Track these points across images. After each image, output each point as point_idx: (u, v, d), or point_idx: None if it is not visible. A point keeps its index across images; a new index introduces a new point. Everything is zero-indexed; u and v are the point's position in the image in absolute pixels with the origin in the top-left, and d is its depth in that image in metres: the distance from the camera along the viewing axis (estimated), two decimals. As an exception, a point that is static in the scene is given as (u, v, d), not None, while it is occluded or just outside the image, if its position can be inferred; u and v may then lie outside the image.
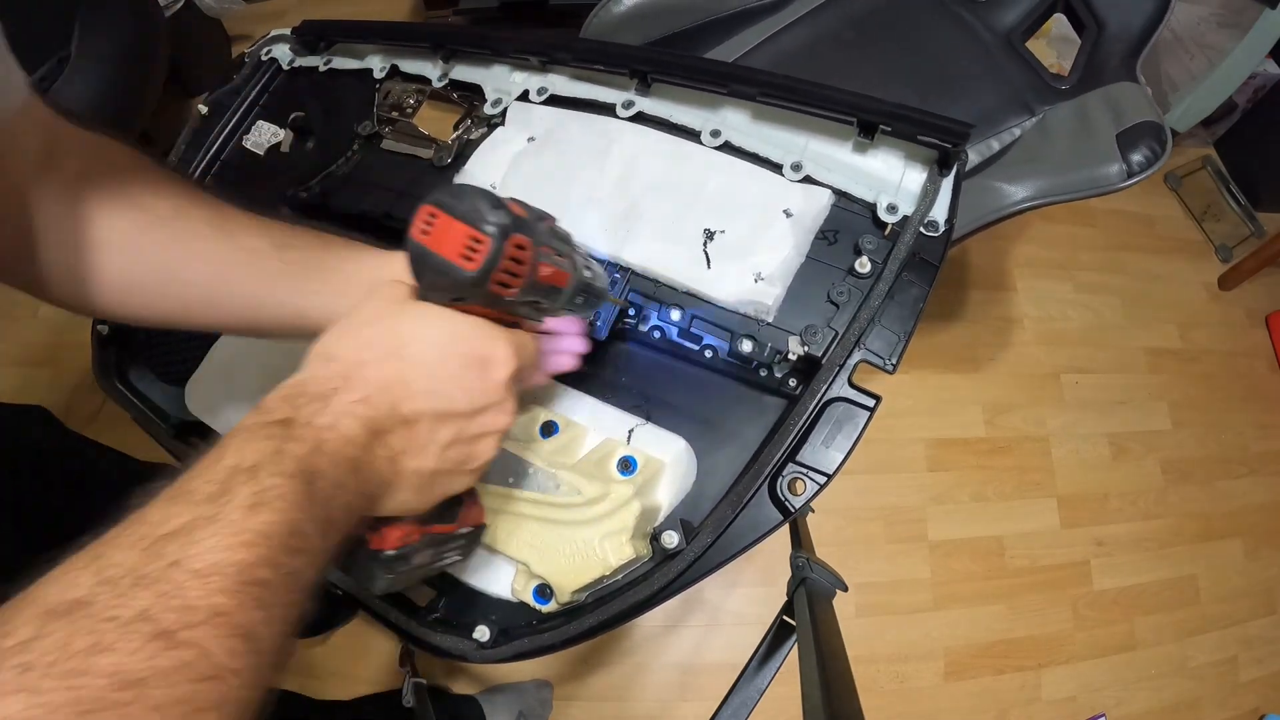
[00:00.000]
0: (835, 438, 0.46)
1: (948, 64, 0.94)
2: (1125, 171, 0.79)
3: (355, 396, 0.30)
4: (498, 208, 0.32)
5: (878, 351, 0.47)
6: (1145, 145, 0.79)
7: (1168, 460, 1.36)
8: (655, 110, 0.59)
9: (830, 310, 0.50)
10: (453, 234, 0.32)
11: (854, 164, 0.54)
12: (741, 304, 0.51)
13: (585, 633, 0.45)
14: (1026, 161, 0.85)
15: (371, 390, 0.30)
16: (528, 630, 0.47)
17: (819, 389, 0.46)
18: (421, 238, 0.32)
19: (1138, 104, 0.83)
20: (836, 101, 0.51)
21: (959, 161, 0.50)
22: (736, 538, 0.45)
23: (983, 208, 0.82)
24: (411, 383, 0.32)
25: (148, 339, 0.66)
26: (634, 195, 0.55)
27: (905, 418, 1.30)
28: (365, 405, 0.30)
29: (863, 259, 0.51)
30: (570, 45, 0.62)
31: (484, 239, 0.31)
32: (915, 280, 0.49)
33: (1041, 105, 0.90)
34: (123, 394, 0.63)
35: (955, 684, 1.14)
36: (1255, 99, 1.58)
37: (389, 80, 0.69)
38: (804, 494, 0.45)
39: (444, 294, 0.34)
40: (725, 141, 0.56)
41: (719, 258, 0.52)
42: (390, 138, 0.67)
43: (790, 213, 0.52)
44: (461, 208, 0.32)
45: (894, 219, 0.51)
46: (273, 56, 0.75)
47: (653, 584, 0.45)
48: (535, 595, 0.48)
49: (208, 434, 0.61)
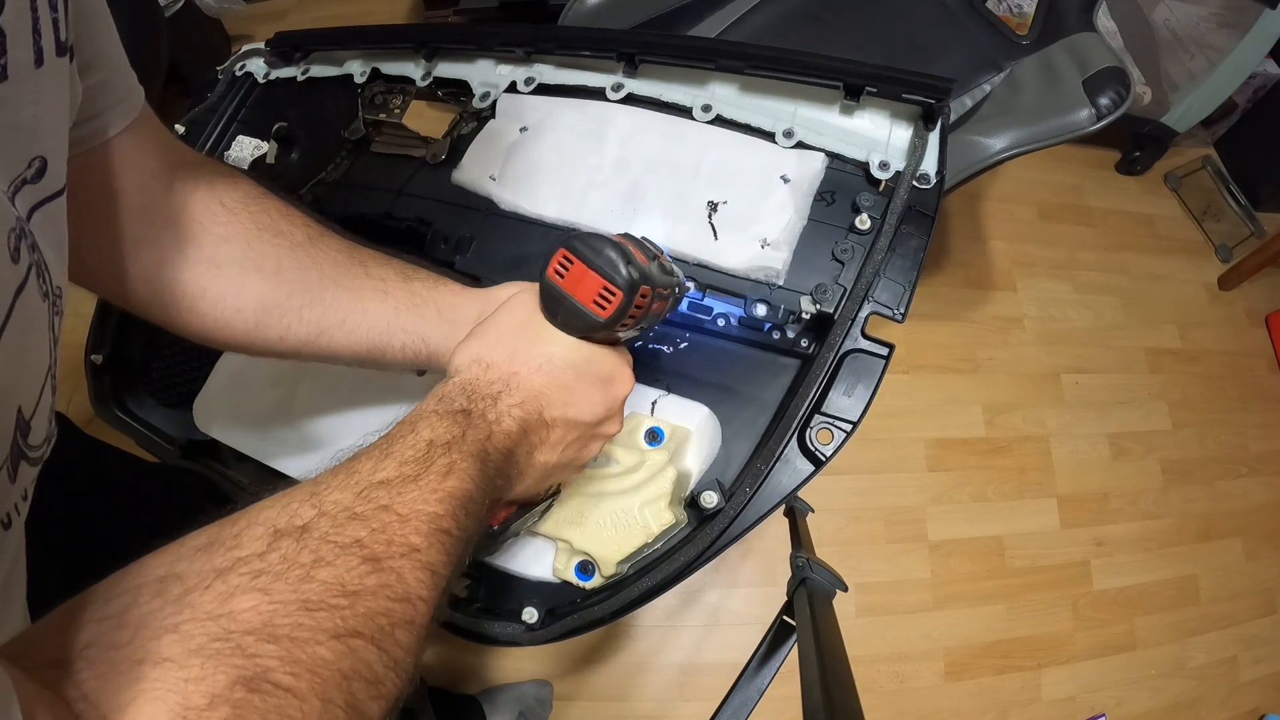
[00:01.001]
0: (855, 388, 0.48)
1: (915, 30, 0.98)
2: (1095, 115, 0.83)
3: (515, 400, 0.35)
4: (629, 262, 0.36)
5: (886, 302, 0.49)
6: (1111, 89, 0.83)
7: (1168, 460, 1.36)
8: (645, 91, 0.60)
9: (836, 268, 0.52)
10: (587, 282, 0.36)
11: (843, 126, 0.56)
12: (751, 270, 0.52)
13: (633, 603, 0.47)
14: (1000, 115, 0.89)
15: (526, 396, 0.36)
16: (574, 607, 0.48)
17: (835, 342, 0.48)
18: (556, 279, 0.37)
19: (1099, 52, 0.88)
20: (822, 68, 0.53)
21: (943, 115, 0.53)
22: (772, 492, 0.47)
23: (964, 160, 0.86)
24: (554, 394, 0.37)
25: (143, 365, 0.65)
26: (634, 175, 0.56)
27: (905, 418, 1.30)
28: (521, 409, 0.35)
29: (862, 216, 0.53)
30: (554, 34, 0.63)
31: (617, 292, 0.35)
32: (914, 231, 0.51)
33: (1008, 61, 0.94)
34: (124, 422, 0.62)
35: (955, 684, 1.14)
36: (1255, 99, 1.58)
37: (371, 84, 0.69)
38: (832, 443, 0.47)
39: (573, 330, 0.38)
40: (717, 115, 0.57)
41: (724, 228, 0.54)
42: (379, 140, 0.67)
43: (787, 178, 0.54)
44: (597, 260, 0.35)
45: (887, 175, 0.53)
46: (248, 71, 0.73)
47: (696, 545, 0.46)
48: (578, 572, 0.49)
49: (218, 451, 0.60)
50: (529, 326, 0.38)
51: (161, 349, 0.66)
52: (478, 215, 0.59)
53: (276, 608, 0.21)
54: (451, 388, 0.35)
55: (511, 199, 0.58)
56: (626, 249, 0.36)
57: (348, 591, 0.23)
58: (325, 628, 0.22)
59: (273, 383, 0.58)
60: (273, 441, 0.58)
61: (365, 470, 0.28)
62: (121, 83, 0.34)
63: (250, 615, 0.21)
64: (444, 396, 0.34)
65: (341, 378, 0.57)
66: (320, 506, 0.25)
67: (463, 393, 0.34)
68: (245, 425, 0.59)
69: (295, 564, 0.23)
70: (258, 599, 0.21)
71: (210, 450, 0.61)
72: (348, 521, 0.25)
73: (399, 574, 0.25)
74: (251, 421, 0.58)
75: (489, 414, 0.34)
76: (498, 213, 0.59)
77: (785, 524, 0.58)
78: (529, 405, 0.36)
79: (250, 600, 0.21)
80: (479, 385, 0.35)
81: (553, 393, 0.37)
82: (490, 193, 0.59)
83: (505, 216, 0.58)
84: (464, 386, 0.35)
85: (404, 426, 0.32)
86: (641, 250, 0.38)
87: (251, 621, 0.21)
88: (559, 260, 0.36)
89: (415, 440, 0.30)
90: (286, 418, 0.57)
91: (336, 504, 0.26)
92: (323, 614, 0.22)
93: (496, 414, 0.34)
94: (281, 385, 0.58)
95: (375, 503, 0.26)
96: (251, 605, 0.21)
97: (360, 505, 0.26)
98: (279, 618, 0.21)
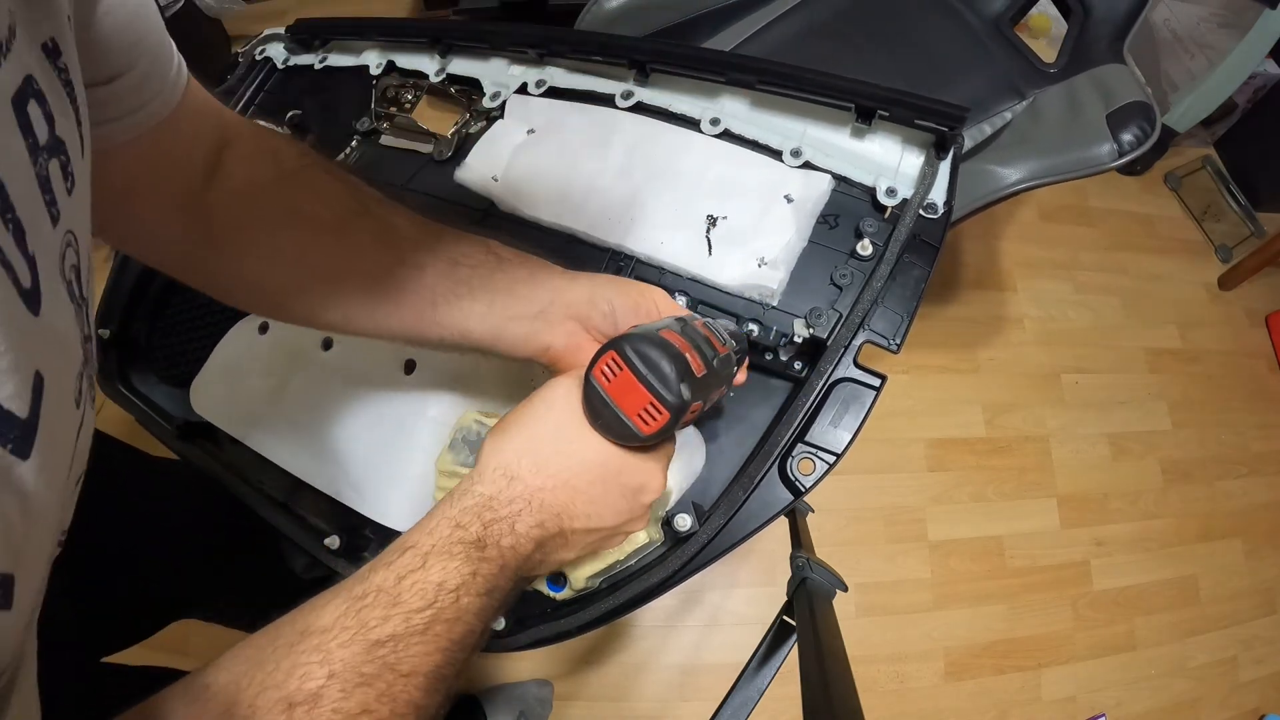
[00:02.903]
0: (843, 418, 0.46)
1: (937, 51, 0.96)
2: (1116, 151, 0.81)
3: (533, 522, 0.35)
4: (682, 377, 0.33)
5: (881, 332, 0.48)
6: (1135, 125, 0.81)
7: (1168, 460, 1.36)
8: (654, 100, 0.59)
9: (834, 293, 0.51)
10: (634, 395, 0.33)
11: (852, 149, 0.55)
12: (746, 288, 0.52)
13: (600, 618, 0.46)
14: (1019, 144, 0.87)
15: (546, 516, 0.35)
16: (543, 618, 0.47)
17: (825, 369, 0.47)
18: (603, 382, 0.34)
19: (1126, 85, 0.85)
20: (834, 88, 0.52)
21: (956, 144, 0.51)
22: (748, 519, 0.46)
23: (978, 190, 0.83)
24: (577, 508, 0.36)
25: (149, 342, 0.66)
26: (636, 184, 0.56)
27: (905, 418, 1.30)
28: (540, 529, 0.35)
29: (864, 242, 0.51)
30: (568, 37, 0.62)
31: (664, 413, 0.33)
32: (916, 261, 0.49)
33: (1031, 89, 0.91)
34: (126, 398, 0.63)
35: (955, 684, 1.14)
36: (1255, 99, 1.58)
37: (386, 76, 0.69)
38: (813, 474, 0.45)
39: (612, 436, 0.36)
40: (725, 129, 0.57)
41: (722, 244, 0.52)
42: (389, 133, 0.67)
43: (791, 198, 0.53)
44: (647, 375, 0.33)
45: (893, 202, 0.52)
46: (267, 56, 0.74)
47: (667, 567, 0.45)
48: (549, 583, 0.48)
49: (214, 434, 0.61)
50: (564, 430, 0.37)
51: (167, 327, 0.66)
52: (477, 215, 0.59)
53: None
54: (469, 506, 0.34)
55: (511, 201, 0.58)
56: (685, 360, 0.33)
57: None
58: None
59: (266, 371, 0.58)
60: (264, 429, 0.58)
61: (374, 621, 0.29)
62: (167, 65, 0.34)
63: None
64: (459, 523, 0.33)
65: (332, 373, 0.57)
66: (330, 666, 0.27)
67: (478, 517, 0.34)
68: (239, 411, 0.59)
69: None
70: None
71: (205, 432, 0.61)
72: (355, 688, 0.27)
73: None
74: (245, 408, 0.59)
75: (504, 541, 0.34)
76: (496, 214, 0.59)
77: (785, 524, 0.58)
78: (549, 524, 0.35)
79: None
80: (498, 505, 0.34)
81: (577, 506, 0.36)
82: (491, 193, 0.59)
83: (504, 218, 0.58)
84: (481, 507, 0.34)
85: (415, 557, 0.31)
86: (700, 352, 0.35)
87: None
88: (607, 363, 0.34)
89: (424, 584, 0.30)
90: (278, 407, 0.58)
91: (345, 664, 0.27)
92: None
93: (513, 540, 0.34)
94: (274, 375, 0.58)
95: (381, 661, 0.28)
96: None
97: (367, 665, 0.27)
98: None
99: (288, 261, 0.40)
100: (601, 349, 0.35)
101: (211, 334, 0.63)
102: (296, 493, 0.56)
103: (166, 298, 0.67)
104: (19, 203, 0.18)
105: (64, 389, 0.21)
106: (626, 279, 0.46)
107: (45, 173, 0.20)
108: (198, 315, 0.65)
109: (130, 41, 0.31)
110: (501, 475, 0.35)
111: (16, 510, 0.17)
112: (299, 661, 0.27)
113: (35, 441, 0.18)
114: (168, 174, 0.37)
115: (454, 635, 0.30)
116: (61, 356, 0.21)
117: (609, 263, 0.55)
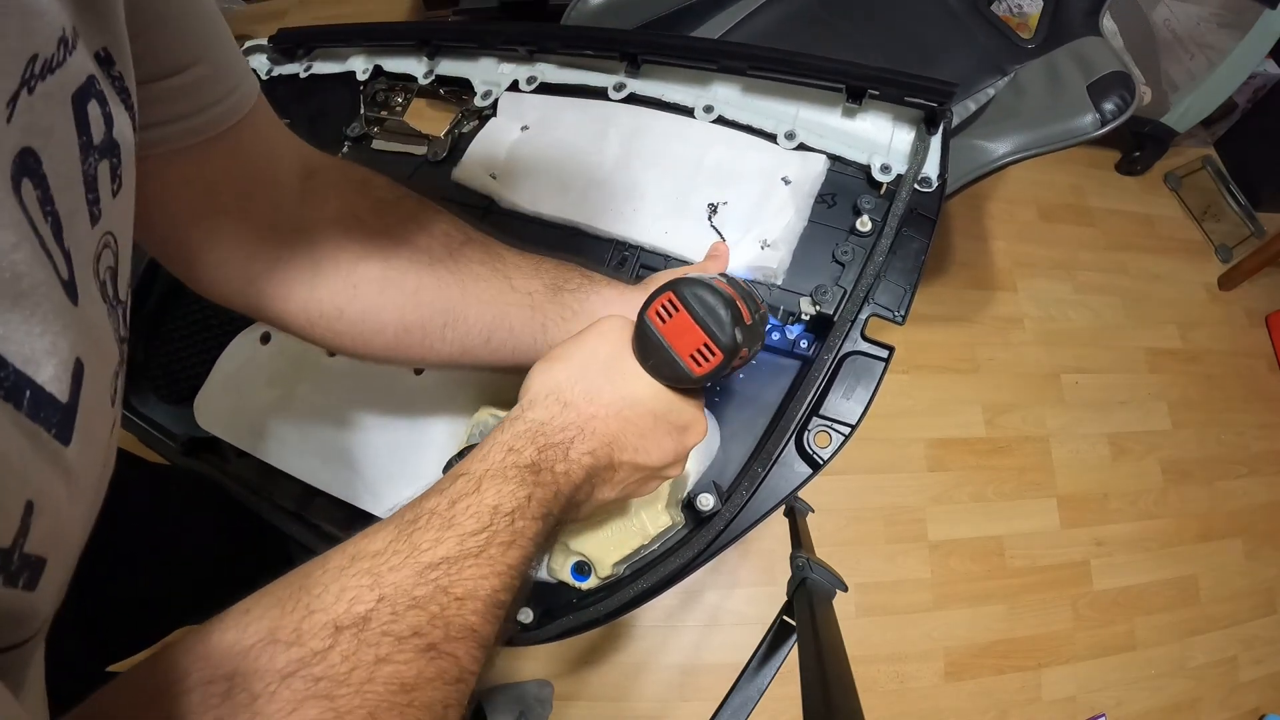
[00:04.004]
0: (855, 390, 0.48)
1: (918, 32, 0.98)
2: (1099, 120, 0.83)
3: (586, 449, 0.34)
4: (736, 322, 0.34)
5: (886, 305, 0.49)
6: (1115, 94, 0.83)
7: (1168, 460, 1.36)
8: (647, 91, 0.60)
9: (837, 269, 0.52)
10: (689, 335, 0.34)
11: (845, 129, 0.56)
12: (750, 270, 0.52)
13: (628, 604, 0.46)
14: (1004, 119, 0.89)
15: (598, 444, 0.35)
16: (570, 608, 0.48)
17: (835, 344, 0.48)
18: (657, 322, 0.35)
19: (1104, 56, 0.87)
20: (825, 70, 0.53)
21: (945, 119, 0.52)
22: (769, 495, 0.47)
23: (967, 165, 0.85)
24: (628, 439, 0.36)
25: (145, 361, 0.65)
26: (634, 174, 0.56)
27: (905, 418, 1.30)
28: (592, 456, 0.35)
29: (863, 218, 0.53)
30: (557, 33, 0.63)
31: (717, 353, 0.34)
32: (915, 234, 0.51)
33: (1012, 65, 0.93)
34: (127, 418, 0.62)
35: (955, 684, 1.14)
36: (1255, 99, 1.58)
37: (373, 81, 0.69)
38: (830, 446, 0.46)
39: (661, 377, 0.36)
40: (719, 116, 0.57)
41: (724, 228, 0.53)
42: (380, 137, 0.67)
43: (788, 180, 0.54)
44: (704, 317, 0.34)
45: (888, 178, 0.53)
46: (251, 67, 0.73)
47: (692, 548, 0.46)
48: (574, 573, 0.48)
49: (219, 447, 0.60)
50: (615, 363, 0.37)
51: (164, 345, 0.66)
52: (477, 212, 0.59)
53: (336, 718, 0.22)
54: (522, 431, 0.34)
55: (511, 197, 0.58)
56: (736, 306, 0.34)
57: (406, 687, 0.24)
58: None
59: (271, 382, 0.58)
60: (272, 439, 0.57)
61: (425, 543, 0.28)
62: (230, 74, 0.34)
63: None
64: (512, 447, 0.33)
65: (339, 378, 0.57)
66: (380, 589, 0.25)
67: (532, 441, 0.33)
68: (245, 423, 0.59)
69: (357, 662, 0.23)
70: (321, 707, 0.22)
71: (211, 447, 0.61)
72: (406, 610, 0.25)
73: (455, 658, 0.26)
74: (251, 419, 0.58)
75: (558, 466, 0.33)
76: (497, 210, 0.59)
77: (785, 524, 0.58)
78: (600, 452, 0.35)
79: (316, 710, 0.22)
80: (552, 430, 0.34)
81: (627, 438, 0.36)
82: (490, 190, 0.59)
83: (504, 214, 0.58)
84: (535, 432, 0.34)
85: (469, 482, 0.31)
86: (747, 303, 0.36)
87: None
88: (663, 304, 0.34)
89: (479, 507, 0.30)
90: (285, 416, 0.57)
91: (396, 587, 0.26)
92: (385, 715, 0.23)
93: (566, 465, 0.33)
94: (280, 384, 0.58)
95: (434, 584, 0.26)
96: (316, 715, 0.22)
97: (419, 588, 0.26)
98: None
99: (397, 291, 0.39)
100: (656, 290, 0.35)
101: (209, 349, 0.62)
102: (309, 501, 0.56)
103: (160, 317, 0.66)
104: (59, 196, 0.18)
105: (101, 382, 0.21)
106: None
107: (93, 172, 0.20)
108: (194, 331, 0.65)
109: (188, 30, 0.30)
110: (555, 401, 0.35)
111: (64, 493, 0.17)
112: (347, 585, 0.25)
113: (75, 428, 0.18)
114: (252, 190, 0.36)
115: (510, 560, 0.29)
116: (99, 348, 0.20)
117: (613, 253, 0.55)
